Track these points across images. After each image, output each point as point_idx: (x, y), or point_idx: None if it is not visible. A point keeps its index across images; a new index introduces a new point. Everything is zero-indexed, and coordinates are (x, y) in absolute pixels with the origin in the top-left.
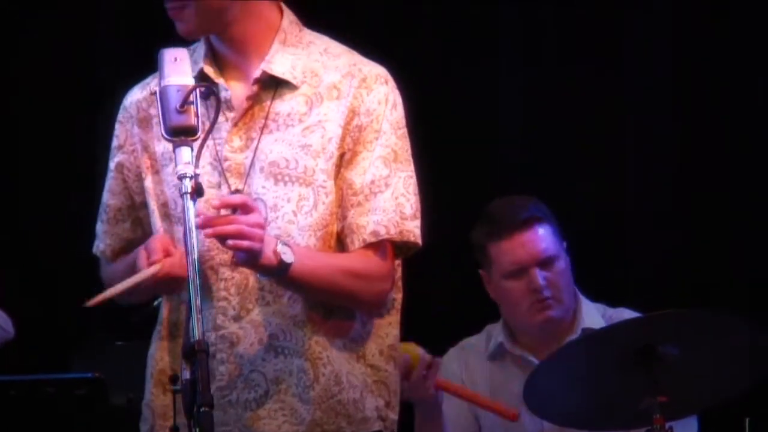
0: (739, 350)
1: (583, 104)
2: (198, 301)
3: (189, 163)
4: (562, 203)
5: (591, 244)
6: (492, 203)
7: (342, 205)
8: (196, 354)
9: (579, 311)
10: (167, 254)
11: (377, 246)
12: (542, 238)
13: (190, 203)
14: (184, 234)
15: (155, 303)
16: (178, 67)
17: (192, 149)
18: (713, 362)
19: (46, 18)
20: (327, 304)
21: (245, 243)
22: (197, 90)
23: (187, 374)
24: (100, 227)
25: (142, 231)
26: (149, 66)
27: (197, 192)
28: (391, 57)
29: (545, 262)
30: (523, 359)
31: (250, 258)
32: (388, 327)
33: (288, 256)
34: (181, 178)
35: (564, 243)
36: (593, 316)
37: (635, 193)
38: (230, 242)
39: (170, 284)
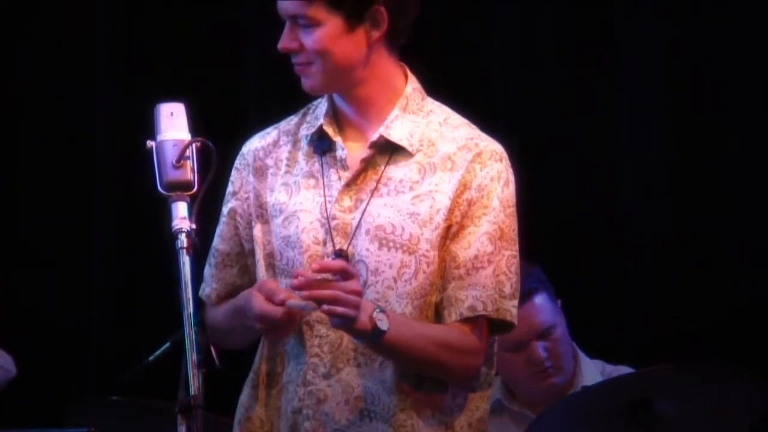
0: (736, 403)
1: (579, 106)
2: (194, 357)
3: (184, 218)
4: (557, 205)
5: (585, 248)
6: None
7: (443, 276)
8: (192, 409)
9: (578, 370)
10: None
11: (473, 321)
12: (539, 309)
13: (186, 258)
14: (180, 288)
15: (149, 358)
16: (174, 122)
17: (188, 204)
18: (711, 416)
19: (46, 18)
20: (418, 374)
21: (340, 309)
22: (193, 145)
23: (183, 429)
24: (207, 271)
25: (248, 278)
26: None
27: (193, 247)
28: None
29: (544, 334)
30: (521, 415)
31: (344, 323)
32: (479, 401)
33: (383, 324)
34: (176, 233)
35: (558, 302)
36: (592, 373)
37: (633, 195)
38: (325, 307)
39: (289, 326)
